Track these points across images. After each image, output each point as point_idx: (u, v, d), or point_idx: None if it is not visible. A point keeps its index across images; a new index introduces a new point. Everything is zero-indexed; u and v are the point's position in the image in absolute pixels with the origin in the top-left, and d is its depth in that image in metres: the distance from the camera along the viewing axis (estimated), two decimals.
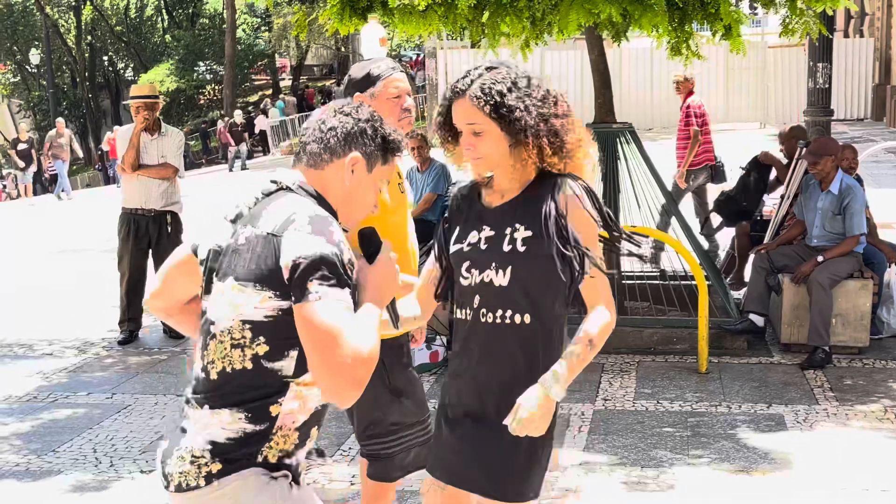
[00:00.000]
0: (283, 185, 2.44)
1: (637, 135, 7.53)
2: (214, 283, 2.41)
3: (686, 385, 6.37)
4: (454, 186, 3.02)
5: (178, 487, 2.38)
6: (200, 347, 2.45)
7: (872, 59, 25.87)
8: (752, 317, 7.11)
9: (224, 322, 2.36)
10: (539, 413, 2.71)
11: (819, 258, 6.87)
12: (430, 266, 3.02)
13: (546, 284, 2.80)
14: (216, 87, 44.71)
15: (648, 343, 7.14)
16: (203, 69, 44.84)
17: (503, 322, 2.81)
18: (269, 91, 46.86)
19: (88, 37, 47.60)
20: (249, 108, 40.20)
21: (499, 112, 2.76)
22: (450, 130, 2.89)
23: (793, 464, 5.08)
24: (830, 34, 9.25)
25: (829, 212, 6.98)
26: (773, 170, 8.88)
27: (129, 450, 5.53)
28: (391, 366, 3.50)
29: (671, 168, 10.01)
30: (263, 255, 2.30)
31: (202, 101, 46.40)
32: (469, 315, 2.86)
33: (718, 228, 9.47)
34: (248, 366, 2.33)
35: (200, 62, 44.55)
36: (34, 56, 42.57)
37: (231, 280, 2.35)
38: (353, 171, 2.45)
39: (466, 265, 2.86)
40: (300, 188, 2.43)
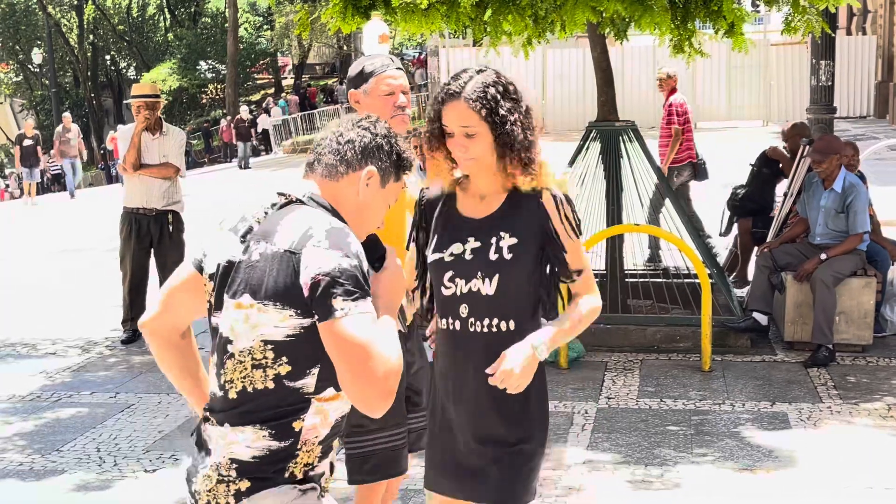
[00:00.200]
0: (294, 198, 2.40)
1: (640, 133, 7.53)
2: (226, 300, 2.36)
3: (689, 383, 6.37)
4: (423, 191, 3.01)
5: None
6: (216, 364, 2.40)
7: (875, 57, 25.87)
8: (756, 315, 7.10)
9: (243, 342, 2.31)
10: (522, 369, 2.74)
11: (822, 256, 6.86)
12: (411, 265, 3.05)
13: (530, 291, 2.84)
14: (218, 86, 44.72)
15: (652, 341, 7.14)
16: (205, 68, 44.87)
17: (491, 330, 2.84)
18: (272, 90, 46.86)
19: (91, 36, 47.63)
20: (252, 107, 40.18)
21: (492, 116, 2.78)
22: (439, 135, 2.88)
23: (796, 462, 5.08)
24: (833, 32, 9.23)
25: (833, 210, 6.97)
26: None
27: (133, 449, 5.53)
28: None
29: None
30: (282, 273, 2.26)
31: (204, 100, 46.43)
32: (457, 325, 2.88)
33: (729, 226, 9.40)
34: (270, 385, 2.30)
35: (202, 61, 44.59)
36: (36, 55, 42.60)
37: (248, 298, 2.30)
38: (368, 185, 2.43)
39: (449, 275, 2.87)
40: (312, 200, 2.39)
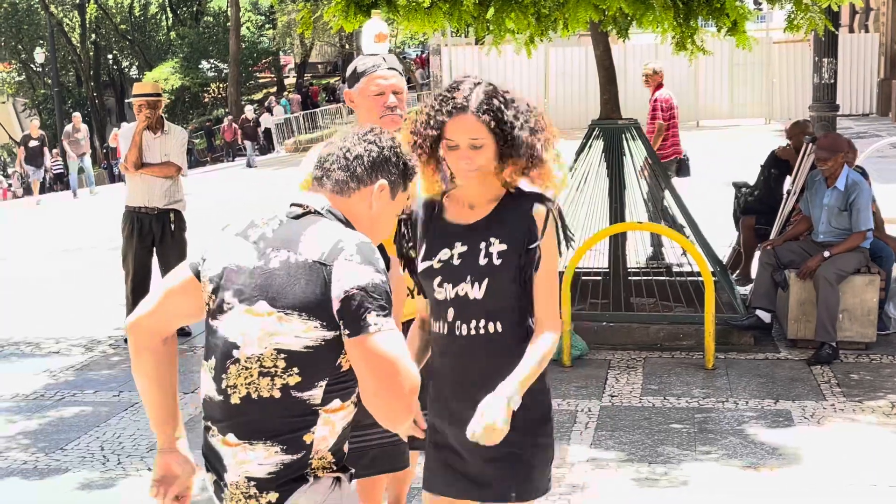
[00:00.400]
0: (312, 209, 2.38)
1: (643, 130, 7.53)
2: (234, 305, 2.32)
3: (693, 381, 6.36)
4: (408, 206, 3.00)
5: None
6: (214, 368, 2.37)
7: (878, 54, 25.83)
8: (759, 313, 7.09)
9: (253, 348, 2.29)
10: (502, 423, 2.66)
11: (825, 254, 6.86)
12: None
13: (517, 294, 2.85)
14: (221, 85, 44.74)
15: (655, 339, 7.14)
16: (207, 67, 44.87)
17: (477, 333, 2.85)
18: (274, 89, 46.87)
19: (93, 35, 47.65)
20: (254, 107, 40.19)
21: (500, 126, 2.79)
22: (435, 147, 2.85)
23: (800, 460, 5.08)
24: (836, 29, 9.23)
25: (836, 208, 6.96)
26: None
27: (137, 447, 5.54)
28: None
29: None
30: (311, 284, 2.25)
31: (207, 99, 46.44)
32: (444, 329, 2.89)
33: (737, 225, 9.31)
34: (276, 395, 2.28)
35: (205, 60, 44.59)
36: (39, 55, 42.57)
37: (265, 305, 2.27)
38: (380, 199, 2.44)
39: (438, 280, 2.88)
40: (329, 213, 2.38)
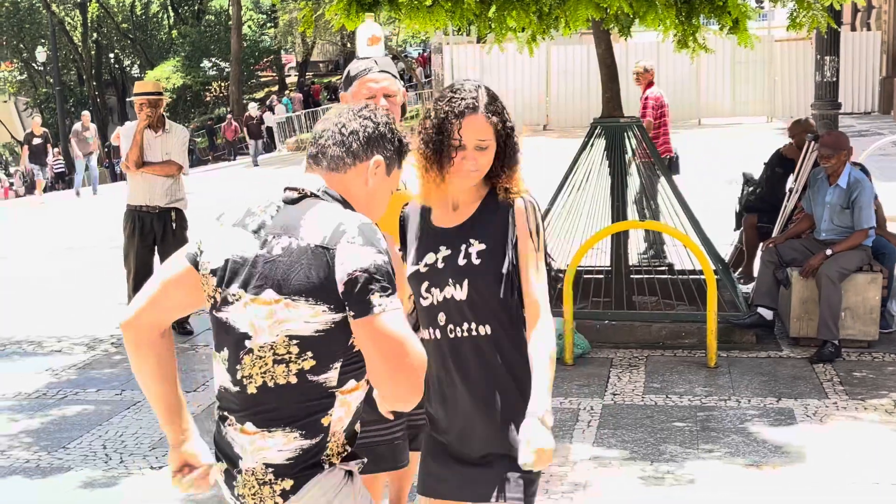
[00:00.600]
0: (308, 192, 2.37)
1: (645, 129, 7.52)
2: (240, 295, 2.32)
3: (695, 379, 6.36)
4: (403, 210, 3.01)
5: None
6: (228, 359, 2.36)
7: (880, 52, 25.80)
8: (761, 311, 7.09)
9: (264, 337, 2.29)
10: (549, 443, 2.67)
11: (828, 252, 6.85)
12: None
13: (501, 295, 2.84)
14: (222, 84, 44.75)
15: (657, 337, 7.13)
16: (209, 66, 44.88)
17: (469, 335, 2.85)
18: (275, 87, 46.88)
19: (94, 34, 47.68)
20: (256, 105, 40.19)
21: (504, 128, 2.82)
22: (440, 149, 2.82)
23: (803, 458, 5.07)
24: (837, 27, 9.23)
25: (838, 206, 6.96)
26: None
27: (139, 446, 5.54)
28: None
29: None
30: (315, 268, 2.24)
31: (208, 98, 46.46)
32: (437, 334, 2.88)
33: (738, 223, 9.29)
34: (293, 381, 2.28)
35: (206, 59, 44.60)
36: (40, 54, 42.59)
37: (272, 293, 2.27)
38: (376, 174, 2.42)
39: (425, 286, 2.88)
40: (326, 194, 2.37)
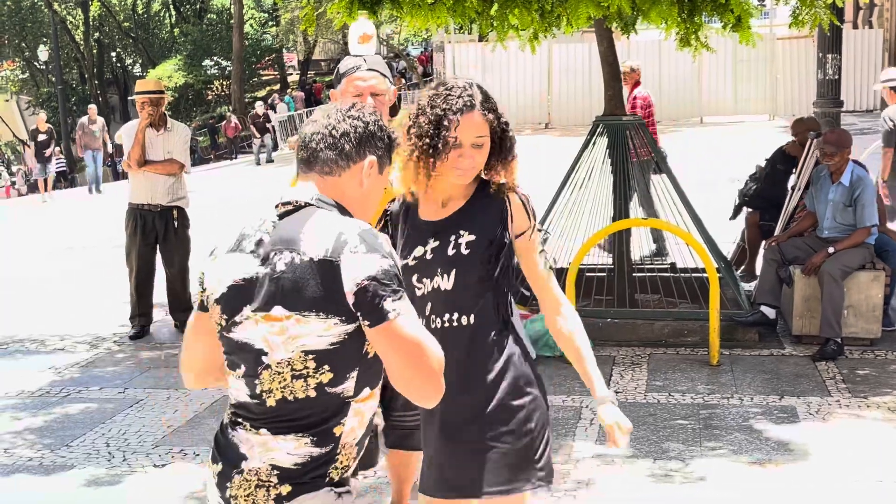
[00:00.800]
0: (303, 202, 2.34)
1: (647, 127, 7.52)
2: (249, 315, 2.30)
3: (698, 377, 6.36)
4: (389, 207, 3.02)
5: None
6: (245, 375, 2.35)
7: (882, 50, 25.77)
8: (764, 309, 7.08)
9: (280, 353, 2.27)
10: (630, 424, 2.88)
11: (830, 249, 6.85)
12: None
13: (488, 286, 2.85)
14: (224, 83, 44.74)
15: (659, 335, 7.13)
16: (211, 64, 44.87)
17: (451, 325, 2.86)
18: (277, 86, 46.86)
19: (96, 33, 47.67)
20: (258, 104, 40.18)
21: (500, 124, 2.84)
22: (435, 147, 2.82)
23: (806, 455, 5.07)
24: (840, 25, 9.22)
25: (841, 203, 6.95)
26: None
27: (142, 444, 5.55)
28: None
29: (678, 161, 9.99)
30: (322, 282, 2.22)
31: (210, 97, 46.43)
32: (424, 323, 2.86)
33: (735, 213, 9.27)
34: (312, 394, 2.28)
35: (208, 57, 44.58)
36: (42, 52, 42.61)
37: (281, 310, 2.25)
38: (370, 175, 2.41)
39: (415, 277, 2.90)
40: (320, 201, 2.35)
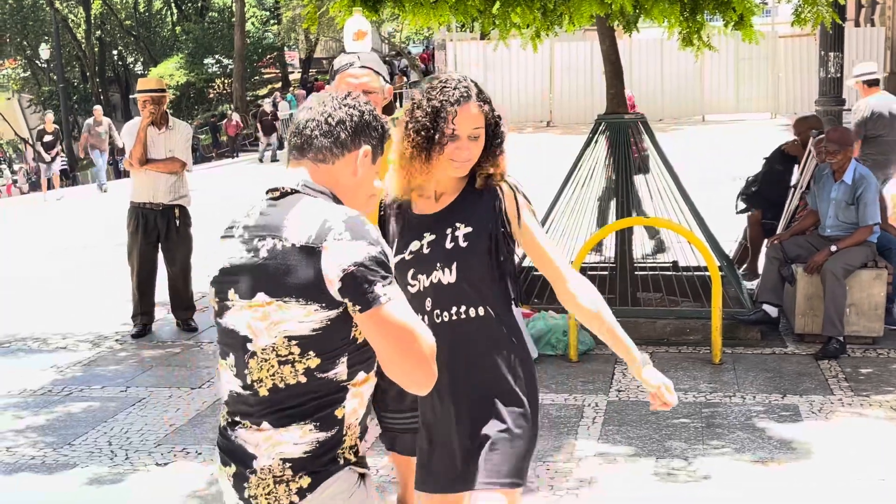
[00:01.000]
0: (289, 189, 2.33)
1: (649, 125, 7.52)
2: (236, 301, 2.32)
3: (700, 376, 6.36)
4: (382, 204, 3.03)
5: None
6: (235, 364, 2.36)
7: (884, 48, 25.73)
8: (766, 307, 7.08)
9: (264, 339, 2.28)
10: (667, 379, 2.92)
11: (832, 248, 6.85)
12: None
13: (491, 276, 2.86)
14: (226, 81, 44.75)
15: (661, 334, 7.13)
16: (212, 63, 44.88)
17: (458, 318, 2.85)
18: (279, 84, 46.87)
19: (98, 31, 47.70)
20: (259, 102, 40.20)
21: (493, 116, 2.86)
22: (431, 140, 2.82)
23: (808, 454, 5.07)
24: (842, 23, 9.22)
25: (843, 202, 6.95)
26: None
27: (145, 443, 5.55)
28: None
29: (680, 159, 9.97)
30: (302, 268, 2.21)
31: (212, 95, 46.44)
32: (424, 320, 2.86)
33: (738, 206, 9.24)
34: (302, 380, 2.27)
35: (209, 56, 44.59)
36: (44, 51, 42.66)
37: (263, 296, 2.26)
38: (363, 164, 2.40)
39: (411, 273, 2.89)
40: (306, 188, 2.33)
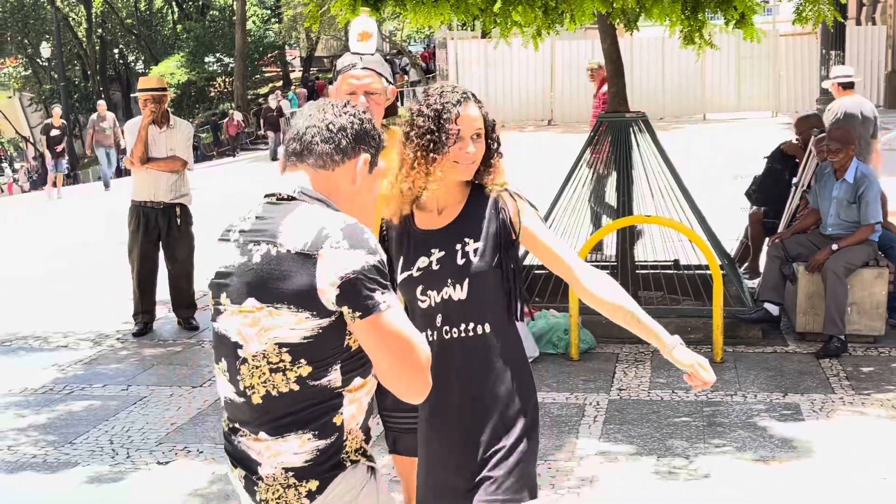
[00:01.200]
0: (285, 195, 2.32)
1: (650, 124, 7.52)
2: (227, 306, 2.32)
3: None
4: (383, 221, 3.03)
5: None
6: (227, 370, 2.36)
7: (885, 47, 25.72)
8: (767, 306, 7.08)
9: (254, 346, 2.27)
10: (699, 357, 2.84)
11: (834, 246, 6.85)
12: None
13: (500, 291, 2.87)
14: (227, 80, 44.73)
15: None
16: (213, 61, 44.86)
17: (468, 335, 2.85)
18: (280, 83, 46.85)
19: (99, 30, 47.68)
20: (260, 101, 40.18)
21: (489, 120, 2.89)
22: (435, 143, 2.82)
23: (809, 453, 5.07)
24: (843, 21, 9.22)
25: (845, 200, 6.94)
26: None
27: (146, 441, 5.55)
28: None
29: (681, 158, 9.95)
30: (296, 275, 2.20)
31: (213, 94, 46.42)
32: (434, 336, 2.87)
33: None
34: (295, 388, 2.27)
35: (210, 54, 44.57)
36: (45, 49, 42.61)
37: (254, 301, 2.25)
38: (362, 172, 2.40)
39: (420, 289, 2.88)
40: (303, 194, 2.32)
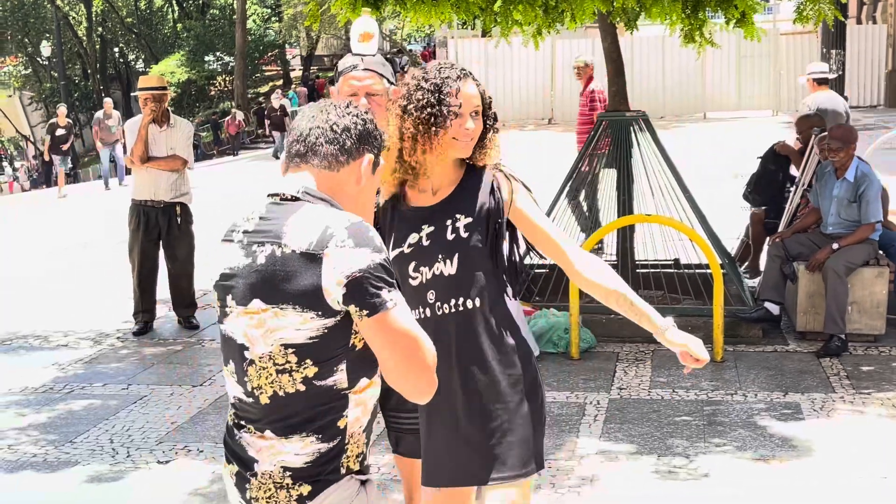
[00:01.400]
0: (289, 195, 2.32)
1: (651, 123, 7.51)
2: (233, 307, 2.32)
3: (701, 374, 6.34)
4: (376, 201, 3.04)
5: None
6: (235, 371, 2.36)
7: (886, 46, 25.71)
8: (768, 305, 7.07)
9: (260, 347, 2.27)
10: (693, 338, 2.85)
11: (834, 246, 6.84)
12: None
13: (490, 267, 2.87)
14: (227, 79, 44.72)
15: None
16: (213, 60, 44.85)
17: (458, 310, 2.85)
18: (280, 82, 46.84)
19: (99, 28, 47.68)
20: (260, 100, 40.19)
21: (486, 96, 2.90)
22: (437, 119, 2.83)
23: (810, 452, 5.07)
24: (844, 20, 9.22)
25: (845, 199, 6.94)
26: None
27: (146, 440, 5.55)
28: None
29: (681, 157, 9.94)
30: (302, 275, 2.20)
31: (213, 93, 46.40)
32: (427, 312, 2.87)
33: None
34: (301, 388, 2.26)
35: (211, 53, 44.55)
36: (45, 48, 42.65)
37: (259, 303, 2.25)
38: (366, 172, 2.40)
39: (412, 266, 2.88)
40: (307, 195, 2.31)
